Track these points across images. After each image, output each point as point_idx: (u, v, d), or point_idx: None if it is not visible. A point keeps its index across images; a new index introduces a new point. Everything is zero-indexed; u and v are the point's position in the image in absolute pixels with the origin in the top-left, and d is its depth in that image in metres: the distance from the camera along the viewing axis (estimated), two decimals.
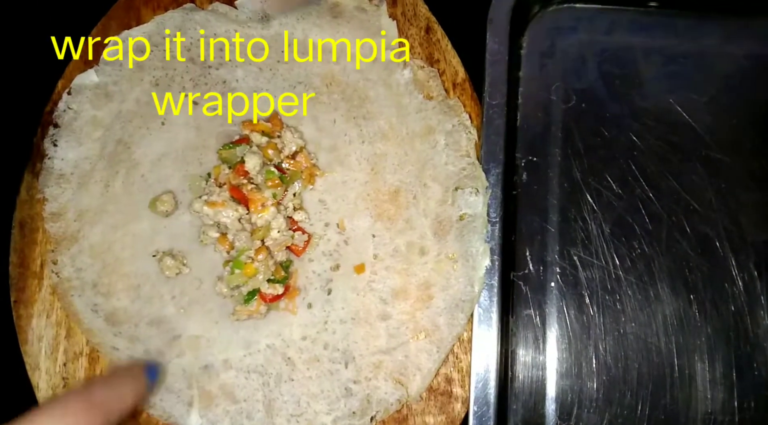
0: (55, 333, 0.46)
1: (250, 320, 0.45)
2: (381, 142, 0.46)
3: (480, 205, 0.45)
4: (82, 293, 0.46)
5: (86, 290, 0.46)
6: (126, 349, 0.45)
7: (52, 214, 0.47)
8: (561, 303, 0.46)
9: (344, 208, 0.45)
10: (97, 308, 0.45)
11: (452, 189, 0.46)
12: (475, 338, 0.43)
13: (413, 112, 0.47)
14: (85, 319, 0.45)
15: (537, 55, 0.49)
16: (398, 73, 0.47)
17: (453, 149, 0.46)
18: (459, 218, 0.45)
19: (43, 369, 0.46)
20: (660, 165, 0.47)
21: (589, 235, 0.47)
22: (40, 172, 0.47)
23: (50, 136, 0.48)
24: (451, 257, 0.45)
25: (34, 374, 0.46)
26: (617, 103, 0.48)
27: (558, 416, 0.45)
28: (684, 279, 0.46)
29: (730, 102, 0.47)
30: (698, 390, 0.44)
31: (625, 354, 0.45)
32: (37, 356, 0.46)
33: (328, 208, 0.46)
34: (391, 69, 0.47)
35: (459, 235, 0.45)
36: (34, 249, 0.47)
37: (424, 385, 0.44)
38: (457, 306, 0.44)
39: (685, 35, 0.49)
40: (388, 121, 0.47)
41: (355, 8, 0.48)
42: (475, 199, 0.45)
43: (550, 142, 0.48)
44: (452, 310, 0.44)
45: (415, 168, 0.46)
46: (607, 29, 0.49)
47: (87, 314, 0.45)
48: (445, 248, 0.45)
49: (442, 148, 0.46)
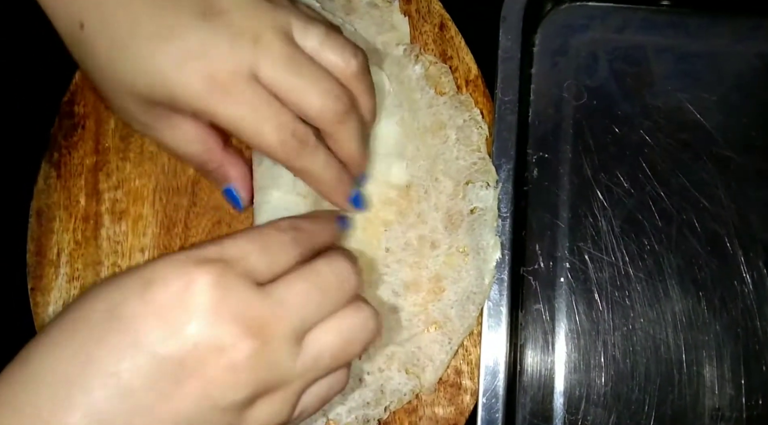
0: None
1: None
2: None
3: (490, 198, 0.45)
4: None
5: None
6: None
7: None
8: (570, 299, 0.46)
9: None
10: None
11: (463, 183, 0.46)
12: (484, 331, 0.44)
13: (424, 108, 0.47)
14: None
15: (549, 53, 0.50)
16: (410, 69, 0.48)
17: (464, 144, 0.47)
18: (470, 212, 0.46)
19: None
20: (670, 162, 0.47)
21: (599, 232, 0.47)
22: (57, 162, 0.48)
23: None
24: (462, 250, 0.45)
25: None
26: (628, 100, 0.48)
27: (566, 410, 0.45)
28: (693, 276, 0.46)
29: (740, 100, 0.48)
30: (706, 386, 0.45)
31: (634, 349, 0.45)
32: None
33: None
34: (402, 64, 0.48)
35: (470, 229, 0.45)
36: (51, 238, 0.48)
37: (436, 376, 0.44)
38: (468, 299, 0.45)
39: (697, 34, 0.49)
40: (399, 117, 0.47)
41: (368, 4, 0.49)
42: (485, 193, 0.46)
43: (561, 139, 0.48)
44: (463, 303, 0.45)
45: (426, 162, 0.47)
46: (620, 27, 0.50)
47: None
48: (456, 241, 0.46)
49: (453, 142, 0.47)
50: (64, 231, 0.48)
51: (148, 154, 0.49)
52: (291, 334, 0.31)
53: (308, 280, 0.33)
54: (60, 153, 0.49)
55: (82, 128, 0.49)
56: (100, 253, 0.48)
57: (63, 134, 0.49)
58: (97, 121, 0.49)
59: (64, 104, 0.49)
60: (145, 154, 0.49)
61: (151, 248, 0.48)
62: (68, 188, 0.48)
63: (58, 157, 0.49)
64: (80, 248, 0.48)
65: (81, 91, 0.49)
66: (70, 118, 0.49)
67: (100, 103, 0.49)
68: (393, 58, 0.48)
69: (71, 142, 0.49)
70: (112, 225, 0.48)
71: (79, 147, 0.49)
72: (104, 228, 0.48)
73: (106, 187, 0.48)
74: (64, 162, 0.49)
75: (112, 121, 0.49)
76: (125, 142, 0.49)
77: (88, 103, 0.49)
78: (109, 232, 0.48)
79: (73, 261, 0.48)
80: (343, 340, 0.33)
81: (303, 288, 0.32)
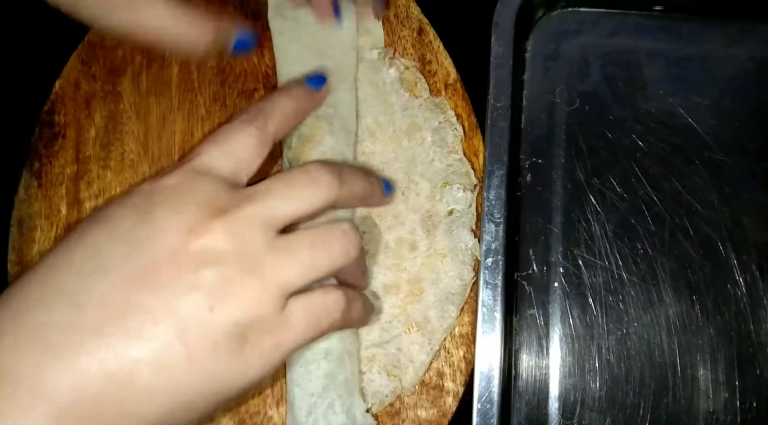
0: None
1: None
2: (369, 141, 0.47)
3: (468, 200, 0.46)
4: None
5: None
6: None
7: None
8: (564, 304, 0.46)
9: None
10: None
11: (440, 185, 0.47)
12: (479, 336, 0.44)
13: (400, 111, 0.48)
14: None
15: (541, 58, 0.50)
16: (384, 72, 0.48)
17: (439, 146, 0.47)
18: (447, 213, 0.46)
19: None
20: (663, 167, 0.47)
21: (593, 236, 0.47)
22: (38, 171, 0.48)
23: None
24: (441, 252, 0.46)
25: None
26: (621, 105, 0.48)
27: (561, 414, 0.45)
28: (687, 280, 0.46)
29: (733, 105, 0.48)
30: (700, 390, 0.45)
31: (628, 353, 0.45)
32: None
33: None
34: (376, 68, 0.48)
35: (448, 230, 0.46)
36: (32, 248, 0.48)
37: (417, 377, 0.45)
38: (447, 299, 0.45)
39: (689, 38, 0.49)
40: (375, 120, 0.47)
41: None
42: (463, 194, 0.46)
43: (553, 144, 0.49)
44: (443, 304, 0.45)
45: (403, 165, 0.47)
46: (611, 32, 0.50)
47: None
48: (434, 243, 0.46)
49: (429, 145, 0.47)
50: (45, 240, 0.48)
51: (128, 162, 0.49)
52: (261, 221, 0.32)
53: (278, 179, 0.34)
54: (41, 162, 0.49)
55: (63, 137, 0.49)
56: None
57: (44, 143, 0.49)
58: (77, 130, 0.49)
59: (44, 114, 0.49)
60: (125, 162, 0.49)
61: None
62: (49, 197, 0.48)
63: (39, 166, 0.49)
64: None
65: (61, 100, 0.50)
66: (50, 127, 0.49)
67: (80, 112, 0.49)
68: (367, 61, 0.48)
69: (52, 151, 0.49)
70: None
71: (59, 156, 0.49)
72: None
73: (87, 195, 0.48)
74: (44, 171, 0.49)
75: (92, 129, 0.49)
76: (106, 151, 0.49)
77: (68, 112, 0.49)
78: None
79: None
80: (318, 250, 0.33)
81: (271, 183, 0.33)
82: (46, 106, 0.49)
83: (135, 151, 0.49)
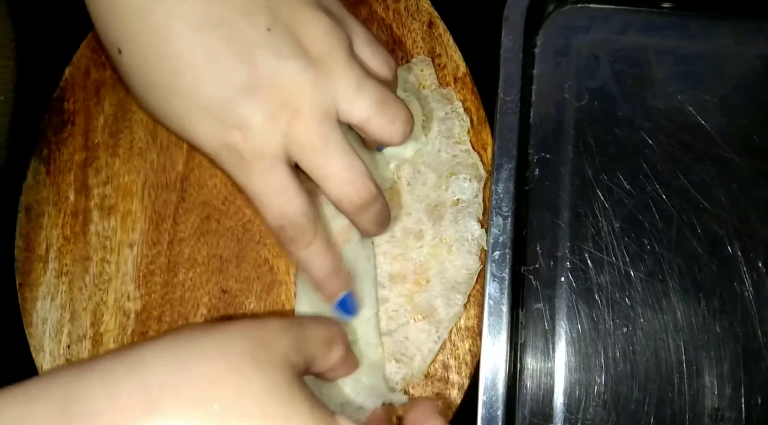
0: (60, 315, 0.46)
1: None
2: None
3: (474, 190, 0.46)
4: None
5: None
6: None
7: None
8: (571, 298, 0.46)
9: None
10: None
11: (446, 175, 0.46)
12: (484, 330, 0.43)
13: (406, 101, 0.47)
14: None
15: (551, 54, 0.50)
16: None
17: (445, 136, 0.47)
18: (453, 203, 0.46)
19: (47, 351, 0.45)
20: (671, 163, 0.47)
21: (600, 232, 0.47)
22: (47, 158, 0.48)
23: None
24: (447, 241, 0.46)
25: (38, 355, 0.45)
26: (629, 102, 0.49)
27: (566, 409, 0.45)
28: (693, 277, 0.46)
29: (741, 102, 0.48)
30: (705, 386, 0.45)
31: (634, 349, 0.45)
32: (41, 338, 0.46)
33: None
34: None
35: (454, 220, 0.46)
36: (39, 234, 0.47)
37: (425, 364, 0.45)
38: (453, 288, 0.45)
39: (698, 36, 0.49)
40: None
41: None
42: (469, 184, 0.46)
43: (562, 139, 0.49)
44: (449, 292, 0.45)
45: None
46: (621, 29, 0.50)
47: None
48: (440, 233, 0.46)
49: (435, 135, 0.47)
50: (52, 226, 0.47)
51: (137, 150, 0.48)
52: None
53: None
54: (49, 149, 0.48)
55: (72, 124, 0.49)
56: (88, 249, 0.47)
57: (52, 130, 0.49)
58: (86, 117, 0.49)
59: (54, 100, 0.49)
60: (134, 150, 0.48)
61: (140, 244, 0.47)
62: (57, 184, 0.48)
63: (48, 153, 0.48)
64: (69, 244, 0.47)
65: (71, 87, 0.49)
66: (59, 114, 0.49)
67: (89, 100, 0.49)
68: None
69: (61, 138, 0.48)
70: (101, 220, 0.47)
71: (68, 143, 0.48)
72: (93, 224, 0.47)
73: (95, 182, 0.48)
74: (53, 158, 0.48)
75: (101, 117, 0.49)
76: (114, 138, 0.48)
77: (78, 100, 0.49)
78: (98, 228, 0.47)
79: (62, 256, 0.47)
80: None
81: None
82: (55, 93, 0.49)
83: (143, 138, 0.48)
